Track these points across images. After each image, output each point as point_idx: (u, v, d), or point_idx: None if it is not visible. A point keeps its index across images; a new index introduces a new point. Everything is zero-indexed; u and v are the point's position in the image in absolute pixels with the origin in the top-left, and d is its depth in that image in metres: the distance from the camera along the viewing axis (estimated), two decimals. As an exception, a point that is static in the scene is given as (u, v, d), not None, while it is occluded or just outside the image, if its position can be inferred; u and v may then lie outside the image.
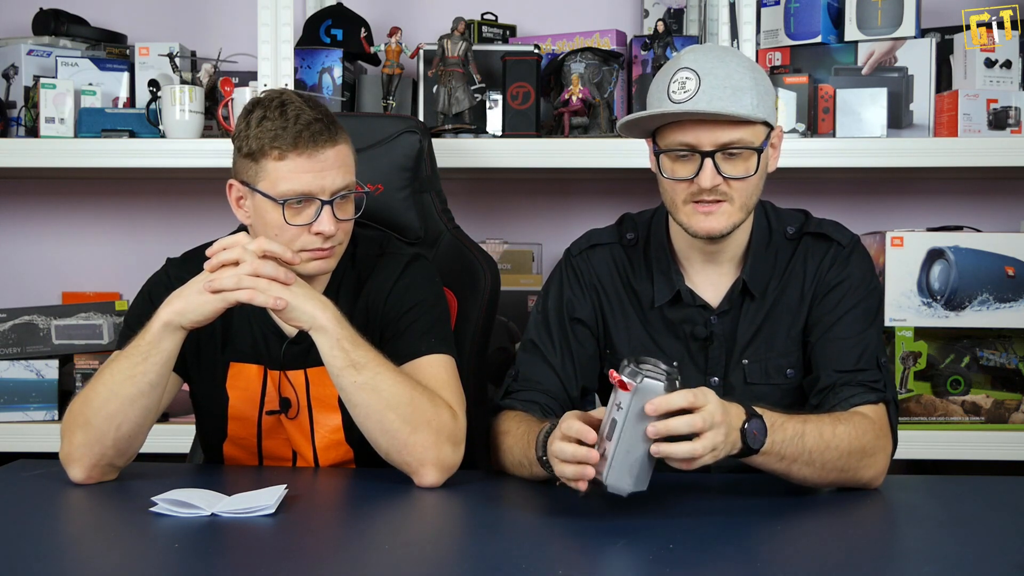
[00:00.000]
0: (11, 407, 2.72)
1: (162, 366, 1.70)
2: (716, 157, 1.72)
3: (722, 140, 1.71)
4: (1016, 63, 2.66)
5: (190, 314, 1.68)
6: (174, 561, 1.40)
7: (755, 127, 1.73)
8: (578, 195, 3.09)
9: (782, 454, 1.62)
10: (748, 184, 1.75)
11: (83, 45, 2.88)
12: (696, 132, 1.72)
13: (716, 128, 1.71)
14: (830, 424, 1.67)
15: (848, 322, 1.81)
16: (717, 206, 1.74)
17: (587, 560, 1.42)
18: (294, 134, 1.73)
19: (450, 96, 2.61)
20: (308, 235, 1.77)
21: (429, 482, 1.71)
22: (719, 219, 1.75)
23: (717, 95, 1.70)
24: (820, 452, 1.64)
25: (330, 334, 1.68)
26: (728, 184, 1.73)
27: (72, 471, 1.72)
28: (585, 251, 1.93)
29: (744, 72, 1.73)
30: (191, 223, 3.04)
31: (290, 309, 1.68)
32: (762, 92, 1.74)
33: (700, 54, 1.75)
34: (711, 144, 1.71)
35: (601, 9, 3.06)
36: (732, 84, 1.71)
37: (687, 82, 1.72)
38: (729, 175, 1.73)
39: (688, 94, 1.71)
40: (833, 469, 1.66)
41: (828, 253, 1.85)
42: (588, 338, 1.90)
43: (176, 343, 1.70)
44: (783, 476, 1.66)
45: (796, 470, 1.65)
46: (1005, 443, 2.60)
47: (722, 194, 1.74)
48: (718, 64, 1.72)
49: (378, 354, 1.72)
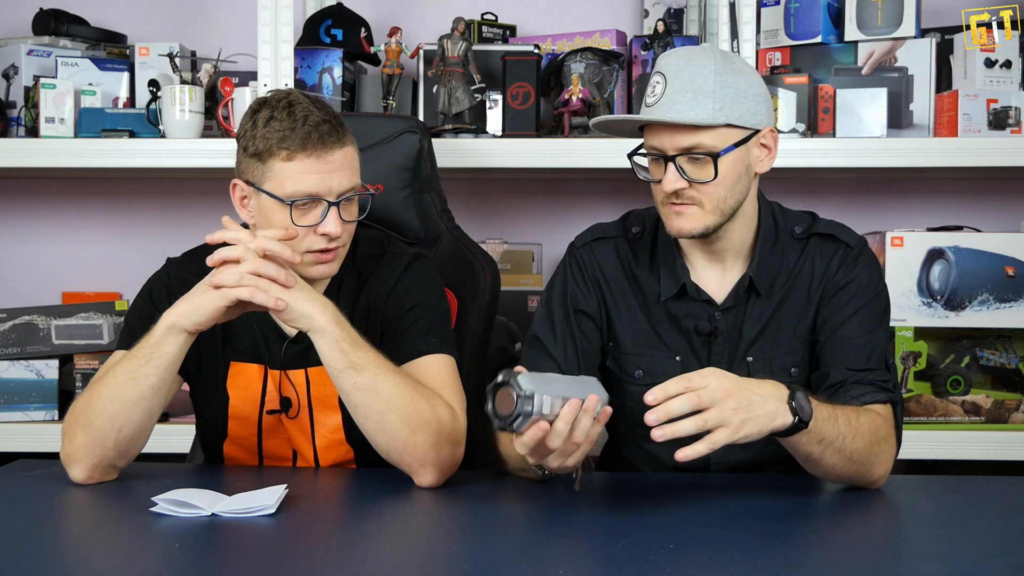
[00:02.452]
0: (11, 407, 2.72)
1: (165, 369, 1.70)
2: (680, 161, 1.74)
3: (682, 145, 1.73)
4: (1016, 63, 2.66)
5: (192, 315, 1.67)
6: (174, 561, 1.40)
7: (718, 131, 1.73)
8: (578, 195, 3.09)
9: (822, 434, 1.60)
10: (717, 188, 1.75)
11: (83, 45, 2.88)
12: (660, 136, 1.75)
13: (676, 133, 1.73)
14: (854, 413, 1.67)
15: (856, 322, 1.81)
16: (686, 207, 1.77)
17: (587, 560, 1.42)
18: (303, 135, 1.73)
19: (450, 96, 2.61)
20: (313, 236, 1.77)
21: (429, 482, 1.71)
22: (689, 220, 1.77)
23: (678, 100, 1.72)
24: (850, 438, 1.63)
25: (329, 336, 1.68)
26: (695, 188, 1.75)
27: (73, 471, 1.72)
28: (589, 244, 1.94)
29: (708, 76, 1.73)
30: (191, 223, 3.04)
31: (289, 310, 1.67)
32: (731, 95, 1.73)
33: (674, 57, 1.77)
34: (673, 149, 1.74)
35: (601, 9, 3.06)
36: (694, 88, 1.72)
37: (656, 86, 1.76)
38: (693, 179, 1.74)
39: (656, 98, 1.75)
40: (855, 460, 1.66)
41: (837, 254, 1.86)
42: (592, 330, 1.90)
43: (179, 346, 1.69)
44: (812, 463, 1.65)
45: (828, 456, 1.63)
46: (1005, 443, 2.60)
47: (689, 198, 1.76)
48: (685, 68, 1.74)
49: (378, 355, 1.71)
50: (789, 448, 1.63)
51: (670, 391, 1.48)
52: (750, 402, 1.52)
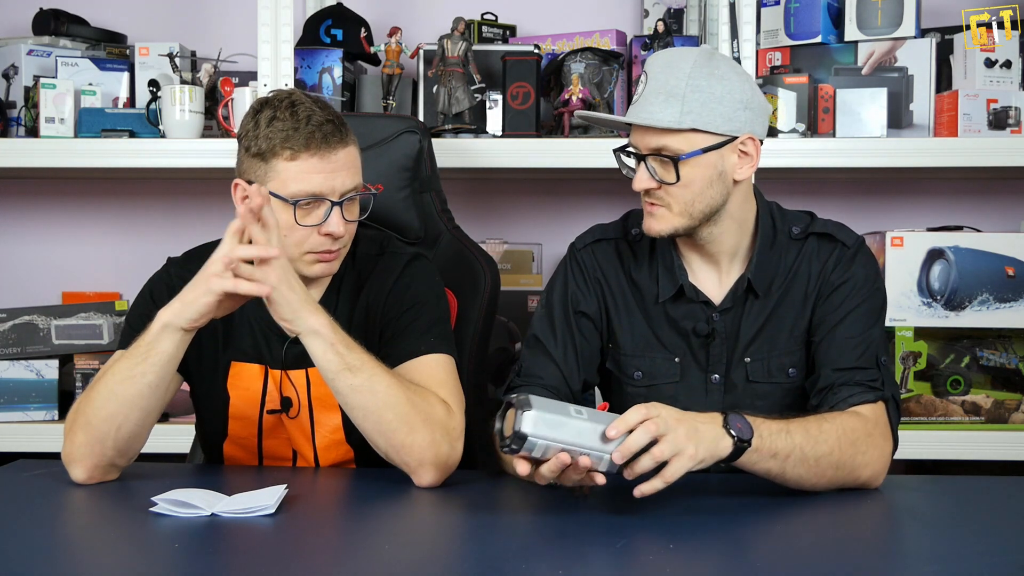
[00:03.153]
0: (11, 407, 2.72)
1: (162, 367, 1.69)
2: (651, 161, 1.76)
3: (651, 145, 1.76)
4: (1016, 63, 2.66)
5: (185, 312, 1.67)
6: (174, 561, 1.40)
7: (684, 135, 1.73)
8: (578, 195, 3.09)
9: (774, 449, 1.61)
10: (684, 191, 1.75)
11: (83, 45, 2.88)
12: (635, 135, 1.78)
13: (647, 133, 1.76)
14: (815, 422, 1.68)
15: (851, 321, 1.81)
16: (655, 208, 1.78)
17: (587, 560, 1.42)
18: (306, 135, 1.74)
19: (450, 96, 2.61)
20: (316, 236, 1.77)
21: (428, 481, 1.71)
22: (658, 221, 1.79)
23: (650, 101, 1.74)
24: (811, 448, 1.64)
25: (324, 338, 1.68)
26: (664, 189, 1.76)
27: (74, 471, 1.72)
28: (590, 245, 1.94)
29: (681, 79, 1.73)
30: (191, 223, 3.05)
31: (282, 314, 1.67)
32: (702, 100, 1.73)
33: (659, 57, 1.79)
34: (645, 148, 1.77)
35: (601, 9, 3.06)
36: (667, 90, 1.73)
37: (640, 85, 1.78)
38: (661, 180, 1.76)
39: (636, 97, 1.78)
40: (828, 467, 1.66)
41: (833, 254, 1.85)
42: (592, 332, 1.90)
43: (176, 344, 1.69)
44: (779, 478, 1.65)
45: (791, 469, 1.64)
46: (1005, 443, 2.60)
47: (658, 198, 1.77)
48: (664, 69, 1.75)
49: (371, 356, 1.72)
50: (747, 471, 1.64)
51: (630, 422, 1.50)
52: (696, 428, 1.54)
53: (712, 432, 1.56)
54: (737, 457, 1.59)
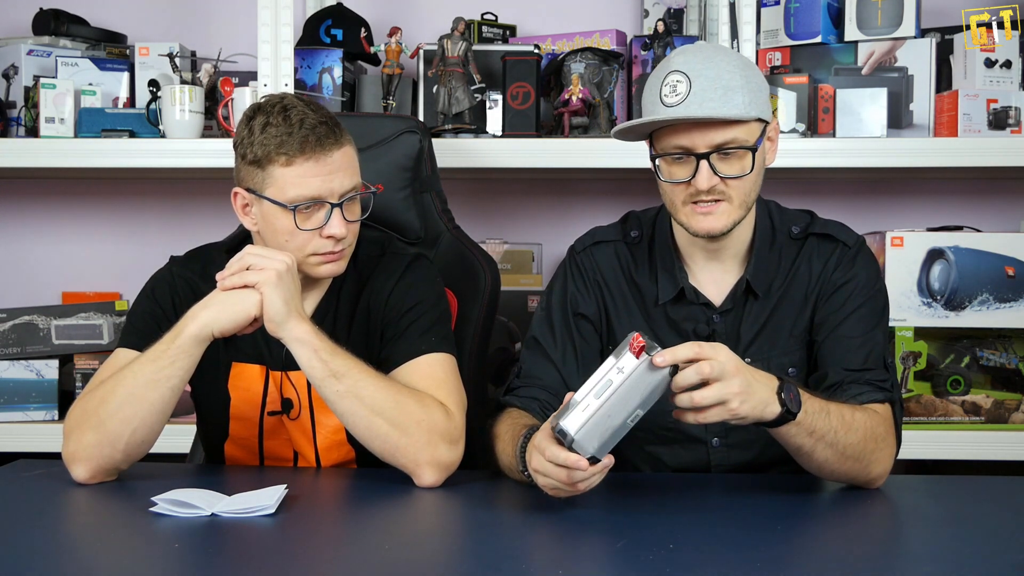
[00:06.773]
0: (11, 407, 2.72)
1: (187, 372, 1.71)
2: (711, 158, 1.72)
3: (716, 141, 1.72)
4: (1016, 63, 2.66)
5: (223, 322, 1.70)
6: (174, 561, 1.40)
7: (748, 125, 1.73)
8: (578, 195, 3.09)
9: (812, 427, 1.61)
10: (746, 182, 1.75)
11: (83, 45, 2.88)
12: (690, 135, 1.73)
13: (709, 130, 1.72)
14: (848, 411, 1.67)
15: (854, 322, 1.81)
16: (716, 206, 1.75)
17: (587, 560, 1.42)
18: (300, 139, 1.73)
19: (450, 96, 2.61)
20: (319, 239, 1.77)
21: (428, 482, 1.71)
22: (719, 218, 1.76)
23: (708, 97, 1.71)
24: (844, 433, 1.63)
25: (307, 345, 1.69)
26: (725, 183, 1.74)
27: (76, 470, 1.72)
28: (589, 248, 1.94)
29: (734, 71, 1.73)
30: (191, 223, 3.05)
31: (267, 319, 1.69)
32: (753, 89, 1.74)
33: (690, 55, 1.76)
34: (705, 146, 1.72)
35: (601, 9, 3.06)
36: (722, 84, 1.72)
37: (678, 85, 1.73)
38: (725, 175, 1.73)
39: (679, 97, 1.72)
40: (850, 456, 1.66)
41: (834, 254, 1.85)
42: (591, 334, 1.90)
43: (202, 351, 1.72)
44: (804, 456, 1.65)
45: (820, 450, 1.63)
46: (1005, 443, 2.60)
47: (720, 193, 1.75)
48: (707, 65, 1.73)
49: (358, 362, 1.72)
50: (780, 440, 1.63)
51: (679, 356, 1.48)
52: (749, 384, 1.52)
53: (764, 394, 1.54)
54: (778, 425, 1.58)
